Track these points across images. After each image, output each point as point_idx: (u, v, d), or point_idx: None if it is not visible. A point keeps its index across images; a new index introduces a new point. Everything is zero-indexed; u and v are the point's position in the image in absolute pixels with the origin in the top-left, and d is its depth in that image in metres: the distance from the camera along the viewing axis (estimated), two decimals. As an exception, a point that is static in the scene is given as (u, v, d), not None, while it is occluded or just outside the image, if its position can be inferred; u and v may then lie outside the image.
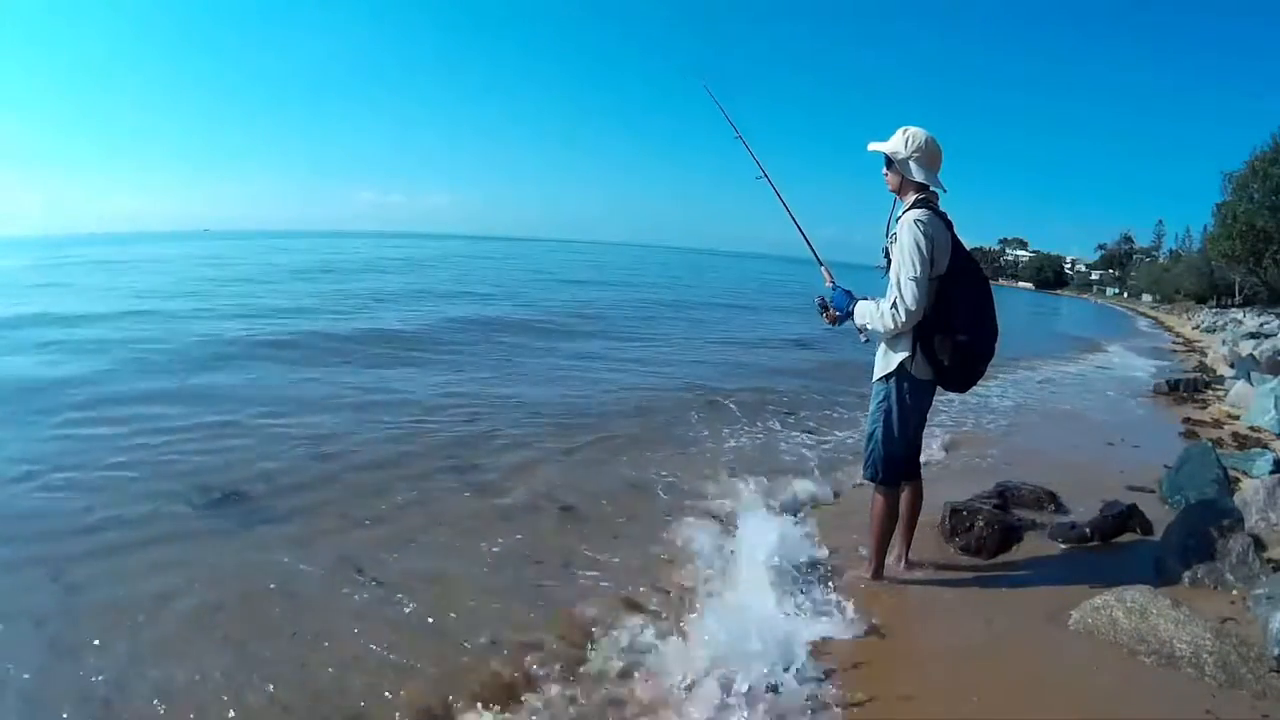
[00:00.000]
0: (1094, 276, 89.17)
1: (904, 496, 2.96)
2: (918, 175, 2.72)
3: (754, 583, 2.75)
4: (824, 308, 2.95)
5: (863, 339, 2.91)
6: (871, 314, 2.73)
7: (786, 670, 2.25)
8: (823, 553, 3.10)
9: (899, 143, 2.75)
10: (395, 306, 12.94)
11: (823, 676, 2.27)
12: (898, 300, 2.63)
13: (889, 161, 2.78)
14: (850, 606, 2.65)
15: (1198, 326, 25.30)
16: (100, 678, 2.20)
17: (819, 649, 2.42)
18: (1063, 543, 3.42)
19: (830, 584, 2.86)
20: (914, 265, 2.60)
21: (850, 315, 2.85)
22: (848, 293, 2.89)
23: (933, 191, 2.77)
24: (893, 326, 2.67)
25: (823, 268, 3.11)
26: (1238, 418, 6.68)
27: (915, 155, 2.72)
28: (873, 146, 2.82)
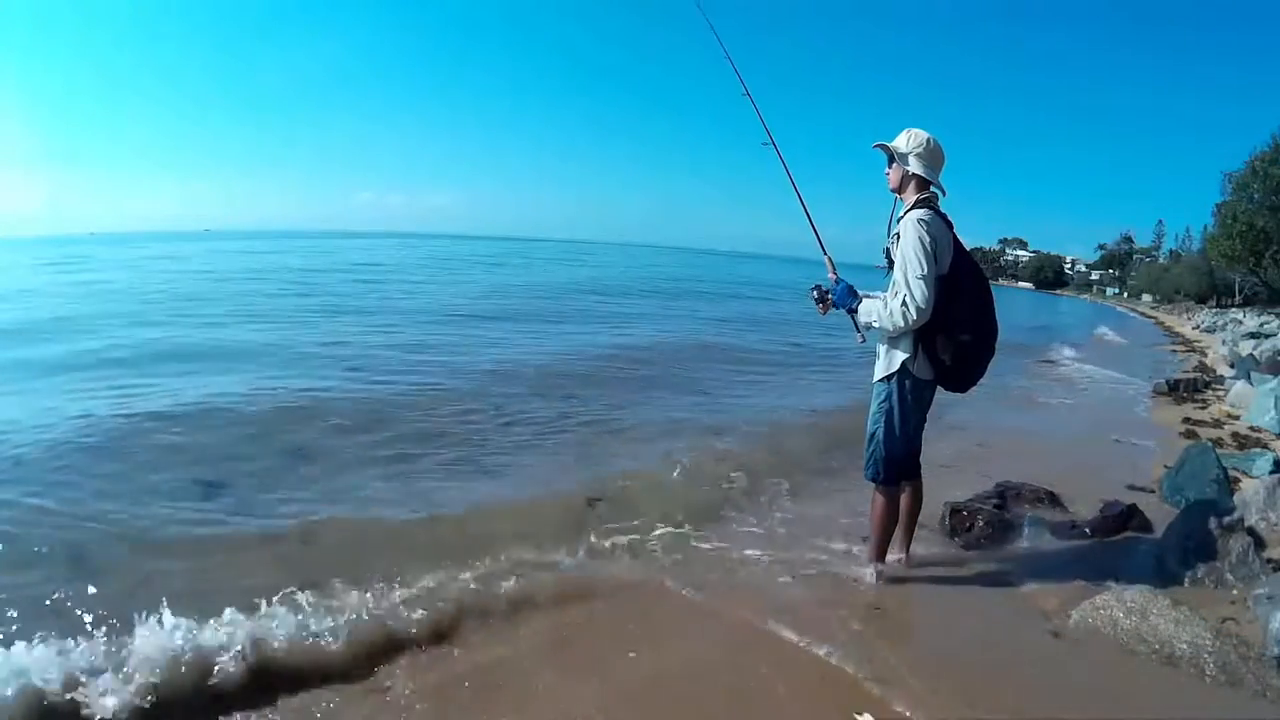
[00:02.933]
0: (1094, 276, 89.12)
1: (904, 496, 2.97)
2: (918, 168, 2.74)
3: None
4: (821, 298, 2.94)
5: (859, 339, 2.90)
6: (879, 313, 2.71)
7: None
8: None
9: (901, 140, 2.79)
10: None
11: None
12: (907, 299, 2.61)
13: (891, 158, 2.81)
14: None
15: (1198, 327, 25.28)
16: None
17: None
18: (1063, 542, 3.42)
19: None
20: (920, 264, 2.61)
21: (853, 311, 2.84)
22: (851, 288, 2.87)
23: (933, 192, 2.78)
24: (902, 325, 2.65)
25: (826, 257, 3.09)
26: (1238, 418, 6.67)
27: (917, 150, 2.75)
28: (877, 144, 2.85)
